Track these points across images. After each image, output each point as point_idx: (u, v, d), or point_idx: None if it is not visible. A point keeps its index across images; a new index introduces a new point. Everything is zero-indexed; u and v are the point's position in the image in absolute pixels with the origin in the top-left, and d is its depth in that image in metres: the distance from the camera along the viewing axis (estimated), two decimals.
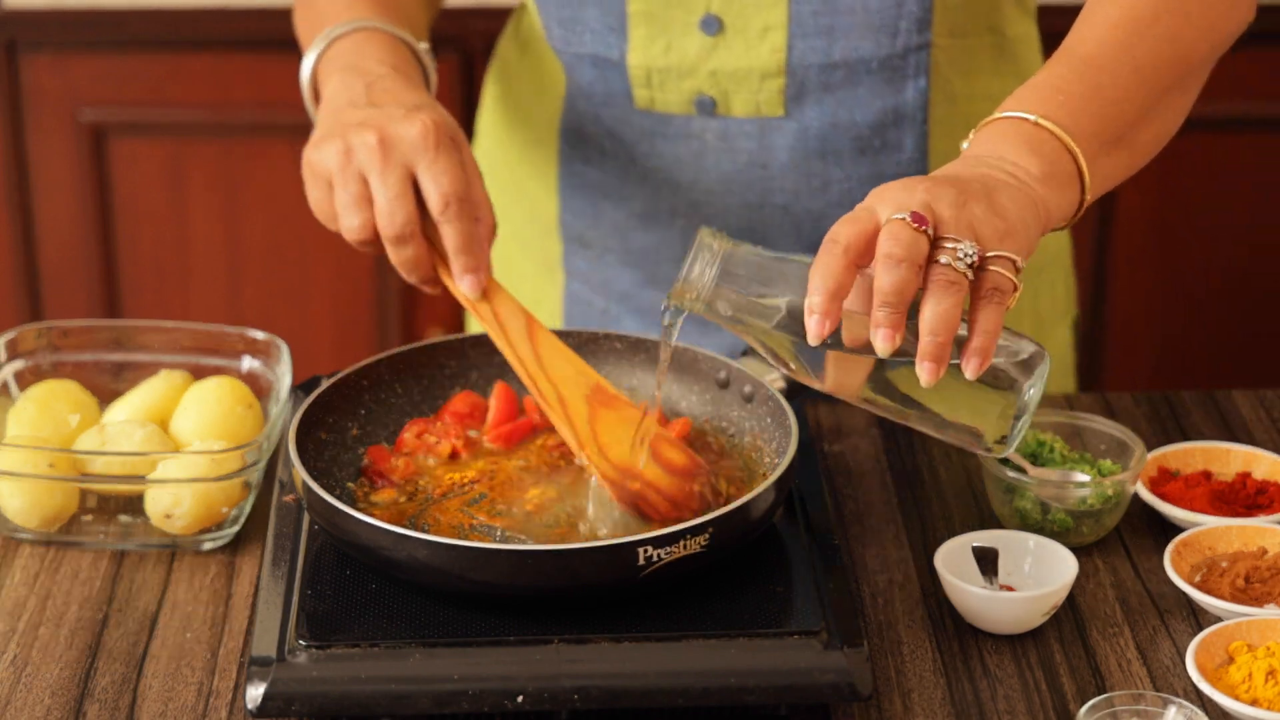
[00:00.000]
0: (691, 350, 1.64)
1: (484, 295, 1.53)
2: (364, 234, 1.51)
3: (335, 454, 1.56)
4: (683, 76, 1.76)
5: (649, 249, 1.86)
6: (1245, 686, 1.41)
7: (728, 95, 1.76)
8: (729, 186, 1.80)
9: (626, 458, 1.47)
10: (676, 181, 1.81)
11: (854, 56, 1.74)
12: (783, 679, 1.37)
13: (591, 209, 1.87)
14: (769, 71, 1.74)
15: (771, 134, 1.77)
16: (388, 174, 1.49)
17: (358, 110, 1.54)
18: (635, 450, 1.47)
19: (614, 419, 1.49)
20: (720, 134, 1.77)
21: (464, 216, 1.50)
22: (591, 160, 1.85)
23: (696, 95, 1.76)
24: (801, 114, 1.76)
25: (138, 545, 1.61)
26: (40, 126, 2.97)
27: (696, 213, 1.82)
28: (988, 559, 1.54)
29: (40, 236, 3.03)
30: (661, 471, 1.47)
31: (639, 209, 1.84)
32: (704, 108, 1.76)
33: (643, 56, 1.76)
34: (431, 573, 1.39)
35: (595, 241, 1.88)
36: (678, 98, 1.77)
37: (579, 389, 1.51)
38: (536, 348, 1.52)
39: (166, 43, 2.93)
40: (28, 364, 1.75)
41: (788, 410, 1.54)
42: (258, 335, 1.76)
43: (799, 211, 1.81)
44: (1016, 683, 1.46)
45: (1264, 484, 1.66)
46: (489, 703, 1.35)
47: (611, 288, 1.90)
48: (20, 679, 1.46)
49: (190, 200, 3.01)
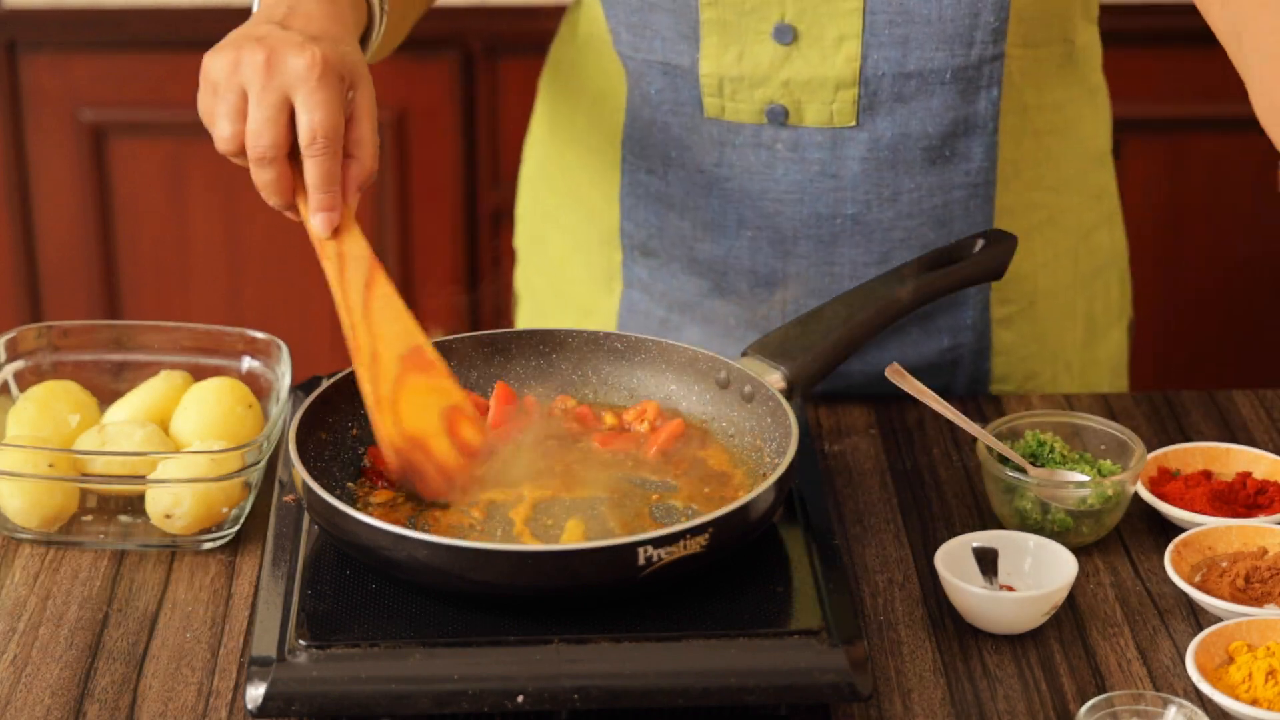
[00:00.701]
0: (691, 350, 1.64)
1: (333, 234, 1.51)
2: (232, 145, 1.50)
3: (335, 454, 1.56)
4: (755, 85, 1.75)
5: (716, 259, 1.85)
6: (1245, 686, 1.41)
7: (800, 105, 1.75)
8: (800, 196, 1.79)
9: (421, 427, 1.46)
10: (745, 191, 1.80)
11: (928, 67, 1.73)
12: (783, 679, 1.37)
13: (656, 218, 1.86)
14: (843, 81, 1.73)
15: (843, 144, 1.76)
16: (265, 95, 1.48)
17: (265, 27, 1.53)
18: None
19: (424, 384, 1.48)
20: (791, 144, 1.77)
21: (328, 153, 1.48)
22: (656, 170, 1.84)
23: (768, 104, 1.75)
24: (874, 124, 1.75)
25: (138, 545, 1.62)
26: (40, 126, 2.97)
27: (766, 223, 1.81)
28: (988, 559, 1.54)
29: (40, 236, 3.03)
30: (450, 448, 1.46)
31: (706, 219, 1.83)
32: (775, 117, 1.75)
33: (715, 65, 1.75)
34: (431, 573, 1.39)
35: (659, 251, 1.87)
36: (749, 107, 1.76)
37: (396, 348, 1.49)
38: (370, 299, 1.50)
39: (166, 43, 2.93)
40: (28, 364, 1.75)
41: (788, 410, 1.54)
42: (258, 335, 1.76)
43: (869, 221, 1.80)
44: (1016, 683, 1.46)
45: (1264, 484, 1.66)
46: (489, 703, 1.35)
47: (674, 297, 1.89)
48: (20, 679, 1.46)
49: (190, 200, 3.01)
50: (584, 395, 1.65)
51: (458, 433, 1.48)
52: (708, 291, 1.86)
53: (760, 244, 1.82)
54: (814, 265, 1.82)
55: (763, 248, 1.82)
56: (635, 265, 1.90)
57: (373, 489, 1.54)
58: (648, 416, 1.61)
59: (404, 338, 1.50)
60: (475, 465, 1.48)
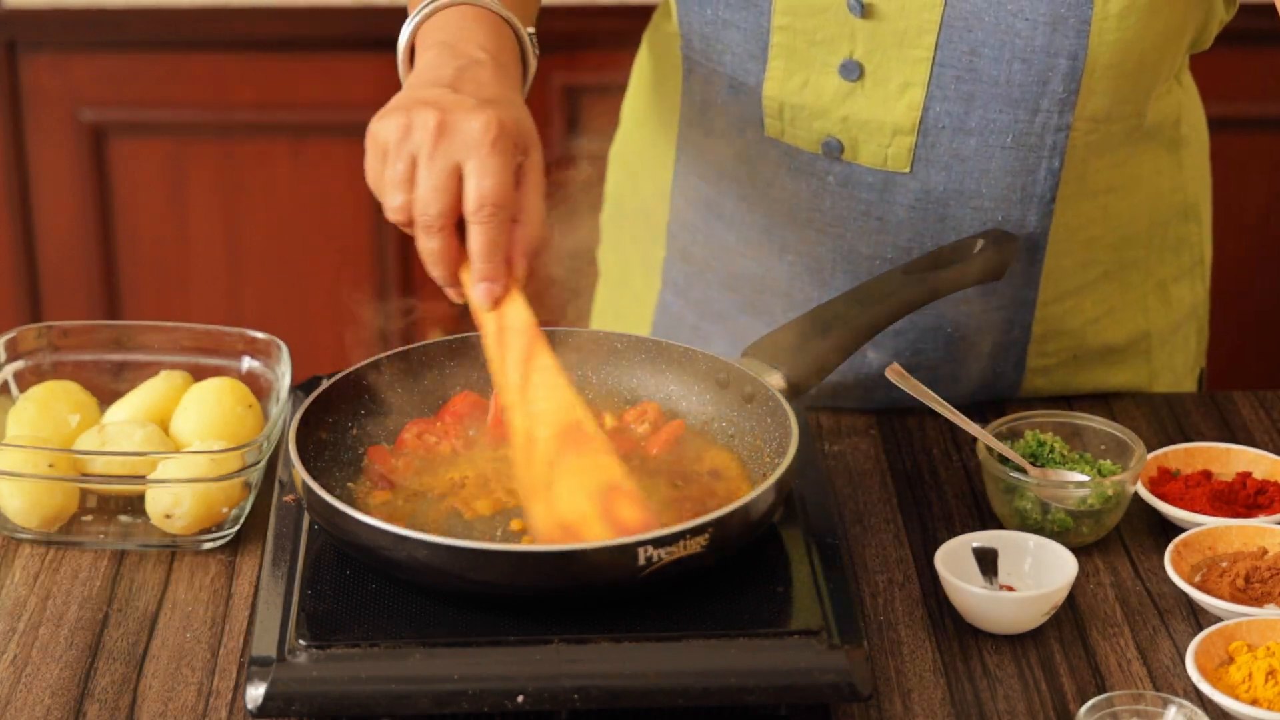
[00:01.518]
0: (691, 350, 1.64)
1: (495, 306, 1.46)
2: (402, 216, 1.45)
3: (335, 454, 1.56)
4: (814, 116, 1.73)
5: (754, 277, 1.83)
6: (1245, 686, 1.41)
7: (856, 142, 1.73)
8: (843, 232, 1.77)
9: (576, 510, 1.40)
10: (792, 216, 1.79)
11: (990, 127, 1.70)
12: (783, 679, 1.37)
13: (703, 225, 1.85)
14: (901, 127, 1.71)
15: (894, 189, 1.74)
16: (435, 160, 1.43)
17: (435, 90, 1.48)
18: None
19: (580, 465, 1.42)
20: (843, 179, 1.75)
21: (494, 221, 1.43)
22: (708, 177, 1.83)
23: (826, 137, 1.73)
24: (927, 175, 1.73)
25: (138, 545, 1.62)
26: (40, 126, 2.97)
27: (808, 251, 1.79)
28: (988, 559, 1.54)
29: (40, 236, 3.03)
30: (604, 532, 1.38)
31: (751, 236, 1.82)
32: (831, 150, 1.74)
33: (779, 89, 1.73)
34: (431, 573, 1.39)
35: (699, 258, 1.86)
36: (806, 136, 1.74)
37: (553, 427, 1.44)
38: (529, 372, 1.45)
39: (166, 43, 2.93)
40: (28, 364, 1.75)
41: (788, 410, 1.54)
42: (258, 335, 1.76)
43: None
44: (1016, 683, 1.46)
45: (1264, 484, 1.66)
46: (489, 703, 1.35)
47: (708, 307, 1.88)
48: (20, 679, 1.46)
49: (190, 200, 3.01)
50: (584, 395, 1.65)
51: (615, 513, 1.40)
52: (741, 307, 1.85)
53: (799, 270, 1.80)
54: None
55: (800, 275, 1.81)
56: (675, 267, 1.89)
57: (373, 489, 1.54)
58: (648, 417, 1.61)
59: (562, 414, 1.45)
60: None
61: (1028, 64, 1.66)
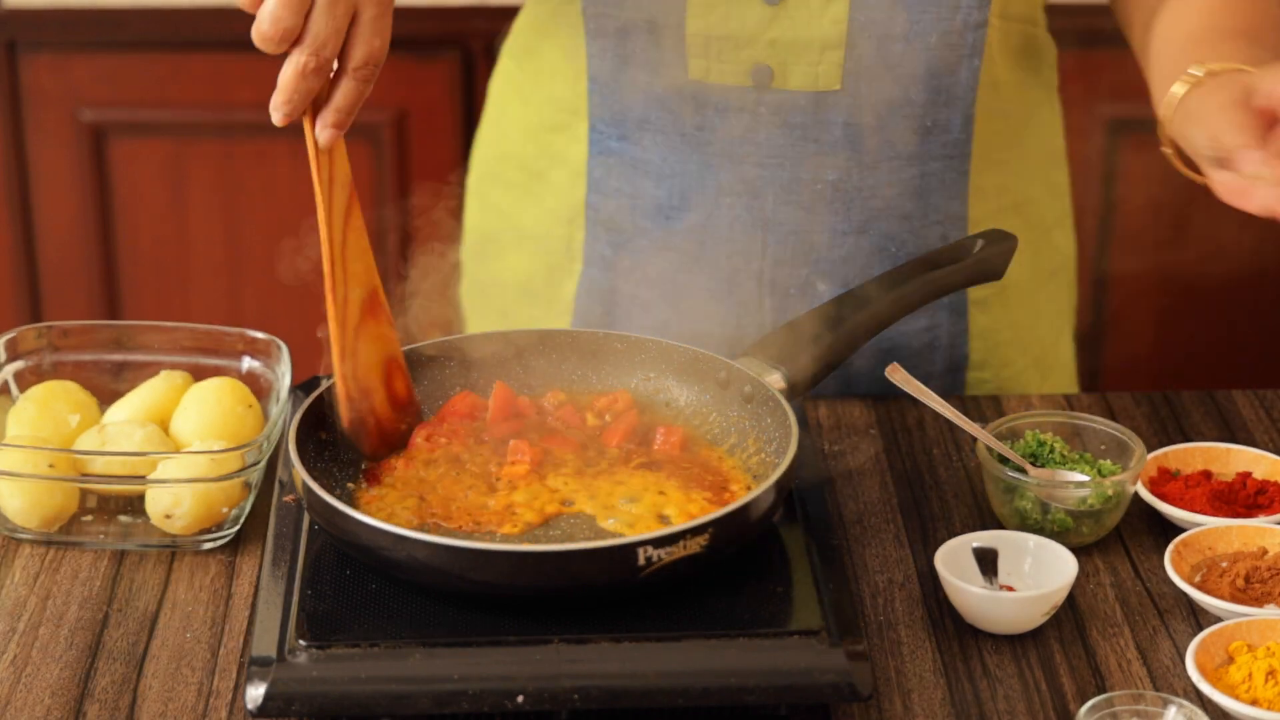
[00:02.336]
0: (691, 350, 1.64)
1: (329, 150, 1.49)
2: (283, 41, 1.45)
3: (335, 454, 1.56)
4: (741, 46, 1.74)
5: (691, 229, 1.84)
6: (1245, 686, 1.41)
7: (786, 66, 1.75)
8: (782, 162, 1.79)
9: (370, 377, 1.47)
10: (727, 157, 1.79)
11: (913, 30, 1.73)
12: (783, 679, 1.37)
13: (628, 188, 1.84)
14: (829, 42, 1.73)
15: (827, 108, 1.76)
16: (338, 4, 1.45)
17: None
18: None
19: (375, 333, 1.49)
20: (775, 107, 1.76)
21: (369, 82, 1.47)
22: (630, 136, 1.82)
23: (754, 65, 1.74)
24: (858, 89, 1.76)
25: (138, 545, 1.62)
26: (40, 126, 2.97)
27: (746, 190, 1.80)
28: (988, 559, 1.54)
29: (40, 236, 3.03)
30: (385, 401, 1.47)
31: (683, 186, 1.82)
32: (761, 78, 1.75)
33: (702, 24, 1.74)
34: (431, 573, 1.39)
35: (628, 225, 1.86)
36: (735, 68, 1.75)
37: (360, 291, 1.49)
38: (348, 229, 1.49)
39: (166, 43, 2.93)
40: (28, 364, 1.75)
41: (788, 410, 1.54)
42: (258, 335, 1.76)
43: (849, 189, 1.80)
44: (1016, 683, 1.46)
45: (1264, 484, 1.66)
46: (489, 703, 1.35)
47: (643, 273, 1.87)
48: (20, 679, 1.46)
49: (190, 200, 3.01)
50: (584, 395, 1.65)
51: (393, 385, 1.49)
52: (680, 266, 1.85)
53: (739, 212, 1.81)
54: (793, 233, 1.81)
55: (741, 216, 1.81)
56: (599, 242, 1.88)
57: (372, 489, 1.54)
58: (616, 407, 1.60)
59: (366, 279, 1.51)
60: (402, 420, 1.48)
61: None
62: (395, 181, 3.03)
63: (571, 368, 1.66)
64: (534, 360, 1.66)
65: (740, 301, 1.84)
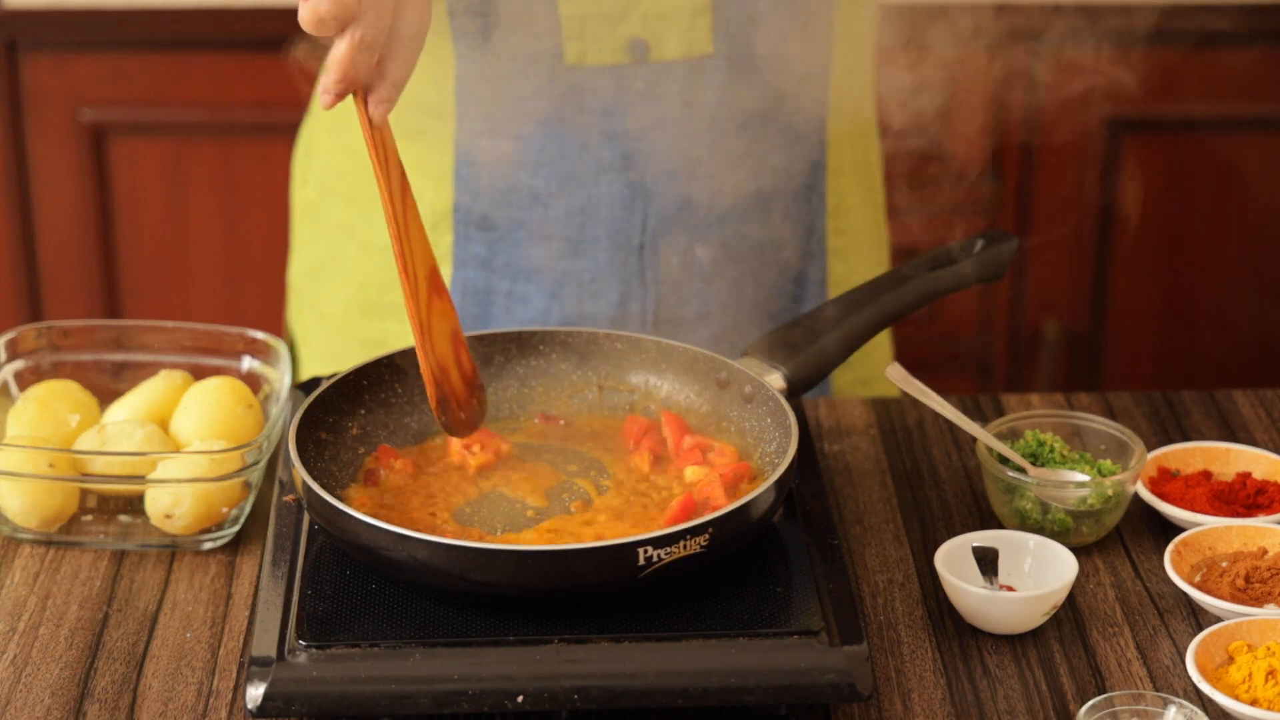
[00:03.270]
0: (692, 350, 1.64)
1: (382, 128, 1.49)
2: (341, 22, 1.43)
3: (335, 454, 1.56)
4: (615, 22, 1.75)
5: (571, 215, 1.83)
6: (1245, 686, 1.41)
7: (660, 37, 1.76)
8: (658, 133, 1.79)
9: (444, 353, 1.48)
10: (605, 137, 1.80)
11: None
12: (783, 679, 1.37)
13: (502, 183, 1.83)
14: (698, 8, 1.75)
15: (702, 73, 1.77)
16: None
17: None
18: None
19: (441, 308, 1.50)
20: (650, 79, 1.77)
21: (419, 51, 1.47)
22: (503, 129, 1.81)
23: (630, 39, 1.76)
24: (729, 50, 1.77)
25: (138, 545, 1.62)
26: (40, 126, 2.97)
27: (626, 165, 1.80)
28: (988, 559, 1.54)
29: (40, 236, 3.03)
30: (459, 378, 1.48)
31: (561, 172, 1.81)
32: (637, 51, 1.76)
33: (574, 7, 1.75)
34: (432, 573, 1.39)
35: (501, 220, 1.85)
36: (610, 46, 1.76)
37: (424, 268, 1.49)
38: (407, 208, 1.49)
39: (166, 43, 2.93)
40: (28, 364, 1.75)
41: (787, 410, 1.54)
42: (258, 335, 1.76)
43: (723, 151, 1.81)
44: (1016, 683, 1.46)
45: (1264, 484, 1.66)
46: (489, 703, 1.35)
47: (520, 266, 1.86)
48: (20, 679, 1.47)
49: (190, 200, 3.01)
50: (584, 395, 1.65)
51: (460, 360, 1.50)
52: (561, 253, 1.85)
53: (618, 187, 1.81)
54: (673, 202, 1.82)
55: (621, 193, 1.81)
56: (471, 242, 1.86)
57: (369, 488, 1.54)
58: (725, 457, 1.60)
59: (427, 256, 1.51)
60: (472, 396, 1.48)
61: None
62: None
63: (571, 368, 1.66)
64: (532, 360, 1.66)
65: (621, 279, 1.84)
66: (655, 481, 1.55)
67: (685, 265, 1.84)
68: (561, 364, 1.66)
